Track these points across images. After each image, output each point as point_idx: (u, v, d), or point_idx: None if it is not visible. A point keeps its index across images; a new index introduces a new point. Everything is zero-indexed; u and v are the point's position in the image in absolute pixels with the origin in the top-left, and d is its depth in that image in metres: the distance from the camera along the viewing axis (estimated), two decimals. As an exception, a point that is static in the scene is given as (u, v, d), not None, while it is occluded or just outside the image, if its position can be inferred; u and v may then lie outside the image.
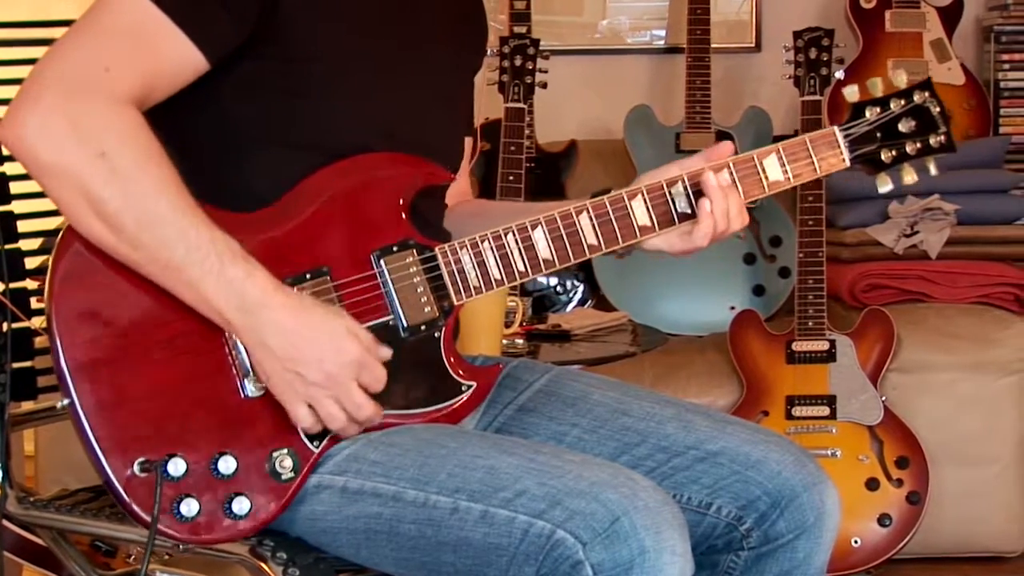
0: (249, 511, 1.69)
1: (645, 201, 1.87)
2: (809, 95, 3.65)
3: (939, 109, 1.95)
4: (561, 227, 1.85)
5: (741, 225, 1.88)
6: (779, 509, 1.80)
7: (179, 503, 1.66)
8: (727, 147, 1.89)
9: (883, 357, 3.55)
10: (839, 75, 3.66)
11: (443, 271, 1.82)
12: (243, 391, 1.71)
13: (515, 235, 1.84)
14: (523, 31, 4.05)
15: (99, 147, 1.61)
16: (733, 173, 1.89)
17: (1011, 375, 3.62)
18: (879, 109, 1.94)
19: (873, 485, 3.50)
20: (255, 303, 1.65)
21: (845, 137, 1.93)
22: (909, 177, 1.96)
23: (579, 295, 3.87)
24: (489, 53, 3.53)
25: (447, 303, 1.83)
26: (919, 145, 1.95)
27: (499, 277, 1.84)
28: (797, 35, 3.71)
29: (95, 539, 2.45)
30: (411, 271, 1.80)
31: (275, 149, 1.78)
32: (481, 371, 1.88)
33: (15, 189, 2.02)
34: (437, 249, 1.82)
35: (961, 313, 3.68)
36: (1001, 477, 3.63)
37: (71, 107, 1.61)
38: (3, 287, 1.97)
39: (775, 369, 3.58)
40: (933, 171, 1.97)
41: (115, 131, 1.63)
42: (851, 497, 3.44)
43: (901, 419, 3.54)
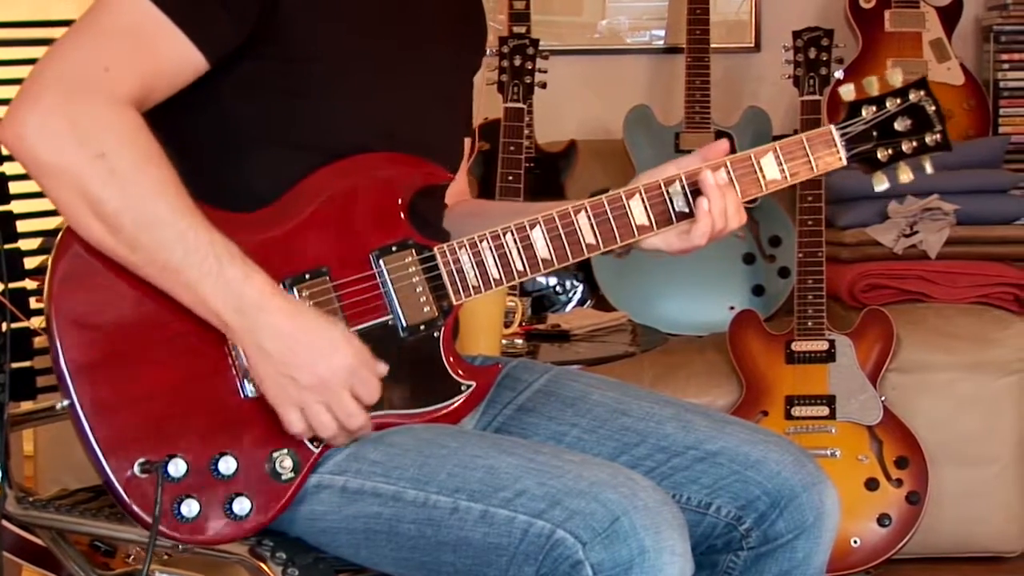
0: (249, 511, 1.69)
1: (643, 200, 1.87)
2: (808, 95, 3.65)
3: (934, 108, 1.95)
4: (559, 227, 1.85)
5: (739, 224, 1.88)
6: (778, 509, 1.80)
7: (180, 504, 1.66)
8: (723, 145, 1.89)
9: (882, 357, 3.55)
10: (838, 75, 3.65)
11: (442, 271, 1.82)
12: (243, 391, 1.71)
13: (514, 235, 1.84)
14: (522, 31, 4.05)
15: (98, 148, 1.61)
16: (730, 172, 1.89)
17: (1010, 375, 3.62)
18: (875, 108, 1.94)
19: (872, 485, 3.50)
20: (252, 305, 1.65)
21: (842, 136, 1.93)
22: (905, 176, 1.96)
23: (578, 295, 3.86)
24: (488, 53, 3.53)
25: (446, 303, 1.83)
26: (915, 144, 1.95)
27: (498, 277, 1.84)
28: (796, 35, 3.70)
29: (94, 539, 2.45)
30: (410, 271, 1.80)
31: (275, 149, 1.78)
32: (480, 371, 1.88)
33: (14, 189, 2.02)
34: (436, 249, 1.82)
35: (960, 313, 3.68)
36: (1000, 477, 3.62)
37: (71, 107, 1.61)
38: (2, 287, 1.97)
39: (774, 369, 3.58)
40: (929, 169, 1.97)
41: (115, 132, 1.63)
42: (850, 497, 3.43)
43: (900, 419, 3.53)
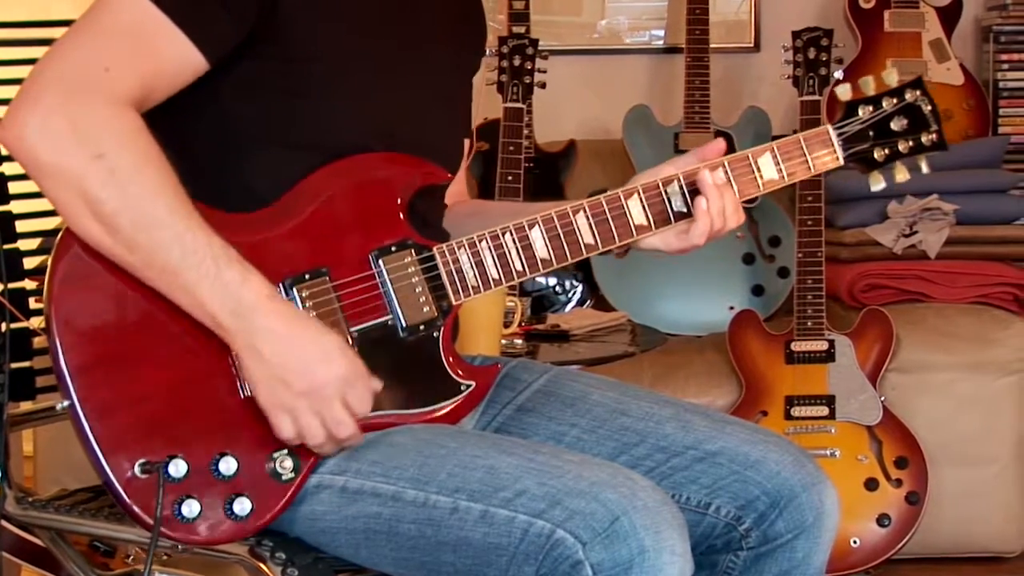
0: (250, 511, 1.69)
1: (641, 201, 1.88)
2: (808, 95, 3.65)
3: (930, 107, 1.95)
4: (558, 226, 1.85)
5: (737, 223, 1.88)
6: (778, 509, 1.80)
7: (180, 504, 1.66)
8: (719, 145, 1.90)
9: (882, 357, 3.55)
10: (838, 75, 3.65)
11: (441, 271, 1.82)
12: (243, 391, 1.71)
13: (513, 235, 1.84)
14: (522, 31, 4.05)
15: (98, 148, 1.61)
16: (728, 172, 1.89)
17: (1010, 375, 3.62)
18: (872, 108, 1.94)
19: (872, 485, 3.50)
20: (249, 307, 1.64)
21: (839, 136, 1.93)
22: (901, 175, 1.96)
23: (578, 295, 3.86)
24: (488, 53, 3.54)
25: (445, 303, 1.83)
26: (911, 143, 1.95)
27: (497, 277, 1.84)
28: (796, 35, 3.70)
29: (94, 539, 2.45)
30: (409, 271, 1.80)
31: (274, 149, 1.78)
32: (480, 371, 1.88)
33: (14, 189, 2.02)
34: (435, 249, 1.82)
35: (960, 313, 3.68)
36: (1000, 477, 3.62)
37: (71, 108, 1.61)
38: (2, 287, 1.97)
39: (774, 369, 3.58)
40: (925, 169, 1.98)
41: (114, 133, 1.62)
42: (850, 497, 3.43)
43: (900, 419, 3.53)
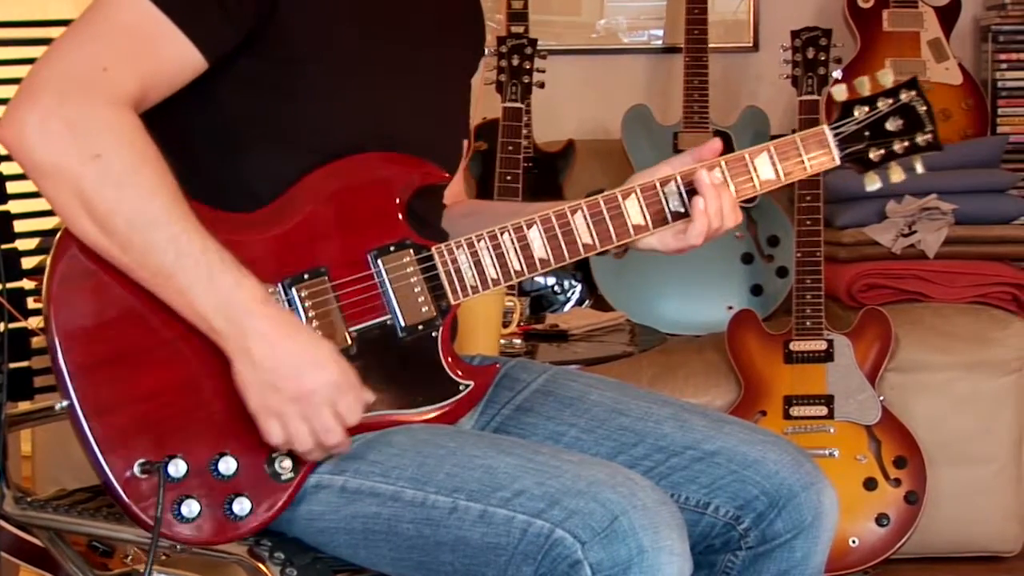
0: (249, 511, 1.69)
1: (639, 200, 1.88)
2: (807, 95, 3.65)
3: (925, 108, 1.95)
4: (556, 226, 1.85)
5: (735, 223, 1.89)
6: (777, 509, 1.80)
7: (180, 504, 1.66)
8: (715, 145, 1.90)
9: (881, 357, 3.55)
10: (837, 75, 3.65)
11: (440, 271, 1.82)
12: (242, 392, 1.71)
13: (511, 235, 1.84)
14: (521, 31, 4.05)
15: (95, 149, 1.61)
16: (725, 172, 1.89)
17: (1009, 375, 3.62)
18: (867, 108, 1.94)
19: (871, 485, 3.50)
20: (242, 311, 1.64)
21: (835, 136, 1.93)
22: (896, 176, 1.97)
23: (577, 295, 3.86)
24: (486, 53, 3.53)
25: (444, 303, 1.82)
26: (906, 144, 1.95)
27: (496, 276, 1.84)
28: (795, 35, 3.70)
29: (92, 539, 2.45)
30: (408, 271, 1.80)
31: (273, 149, 1.78)
32: (478, 371, 1.88)
33: (12, 189, 2.02)
34: (434, 249, 1.82)
35: (959, 313, 3.68)
36: (998, 477, 3.62)
37: (69, 108, 1.61)
38: (0, 287, 1.97)
39: (773, 369, 3.58)
40: (920, 169, 1.98)
41: (112, 133, 1.62)
42: (849, 497, 3.43)
43: (899, 419, 3.53)
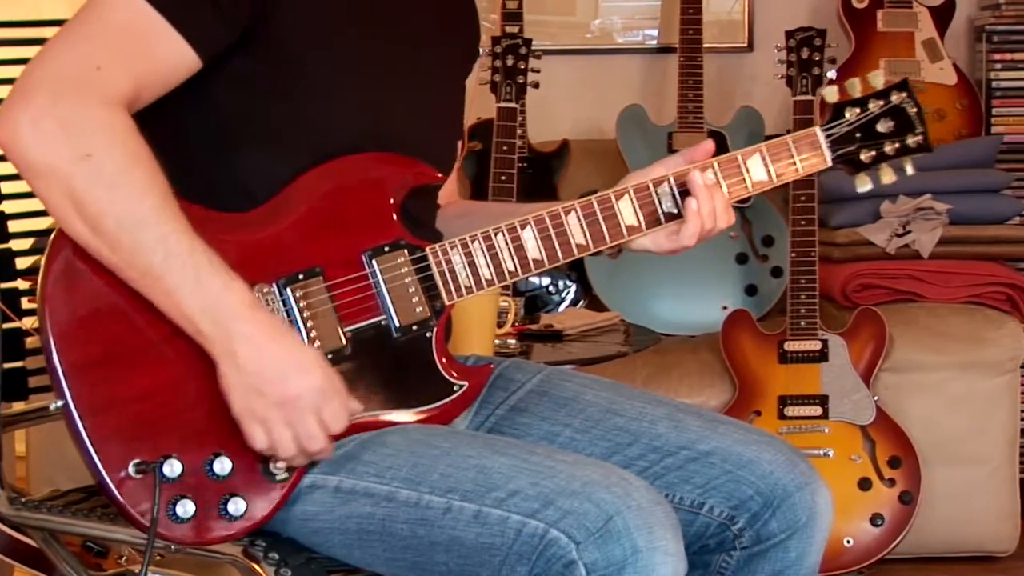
0: (244, 511, 1.69)
1: (632, 201, 1.88)
2: (801, 95, 3.65)
3: (916, 110, 1.96)
4: (550, 227, 1.85)
5: (727, 224, 1.89)
6: (771, 509, 1.80)
7: (175, 504, 1.66)
8: (708, 146, 1.90)
9: (875, 357, 3.55)
10: (831, 75, 3.66)
11: (434, 271, 1.82)
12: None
13: (505, 235, 1.84)
14: (515, 31, 4.05)
15: (86, 148, 1.60)
16: (717, 173, 1.89)
17: (1003, 375, 3.62)
18: (858, 110, 1.95)
19: (865, 485, 3.50)
20: (229, 314, 1.63)
21: (827, 138, 1.94)
22: (887, 177, 1.97)
23: (571, 295, 3.86)
24: (481, 53, 3.53)
25: (438, 303, 1.82)
26: (897, 145, 1.96)
27: (490, 277, 1.84)
28: (789, 35, 3.70)
29: (87, 540, 2.45)
30: (403, 271, 1.80)
31: (267, 149, 1.78)
32: (473, 371, 1.88)
33: (6, 189, 2.02)
34: (428, 249, 1.82)
35: (953, 313, 3.68)
36: (993, 477, 3.63)
37: (62, 108, 1.61)
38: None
39: (767, 369, 3.58)
40: (910, 171, 1.99)
41: (103, 133, 1.62)
42: (843, 497, 3.44)
43: (893, 419, 3.54)
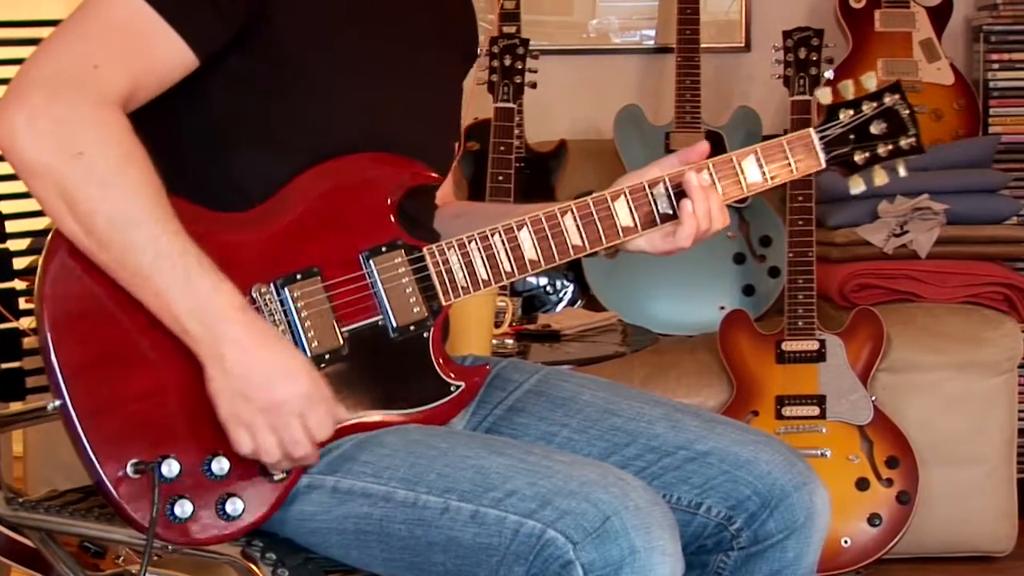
0: (242, 511, 1.69)
1: (628, 202, 1.88)
2: (799, 95, 3.65)
3: (908, 111, 1.97)
4: (546, 228, 1.85)
5: (723, 225, 1.89)
6: (769, 509, 1.80)
7: (173, 504, 1.66)
8: (703, 147, 1.90)
9: (873, 357, 3.55)
10: (829, 75, 3.66)
11: (431, 271, 1.82)
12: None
13: (502, 236, 1.84)
14: (512, 31, 4.05)
15: (79, 147, 1.60)
16: (713, 174, 1.89)
17: (1000, 375, 3.62)
18: (852, 111, 1.95)
19: (863, 485, 3.50)
20: (217, 316, 1.63)
21: (821, 139, 1.94)
22: (880, 179, 1.98)
23: (569, 295, 3.86)
24: (478, 53, 3.53)
25: (435, 303, 1.82)
26: (890, 147, 1.97)
27: (486, 277, 1.84)
28: (787, 35, 3.71)
29: (84, 540, 2.44)
30: (400, 271, 1.80)
31: (264, 149, 1.78)
32: (470, 371, 1.88)
33: (3, 189, 2.02)
34: (425, 250, 1.82)
35: (951, 313, 3.68)
36: (990, 477, 3.63)
37: (57, 106, 1.61)
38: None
39: (765, 369, 3.58)
40: (903, 173, 1.99)
41: (97, 132, 1.62)
42: (841, 497, 3.44)
43: (891, 419, 3.54)
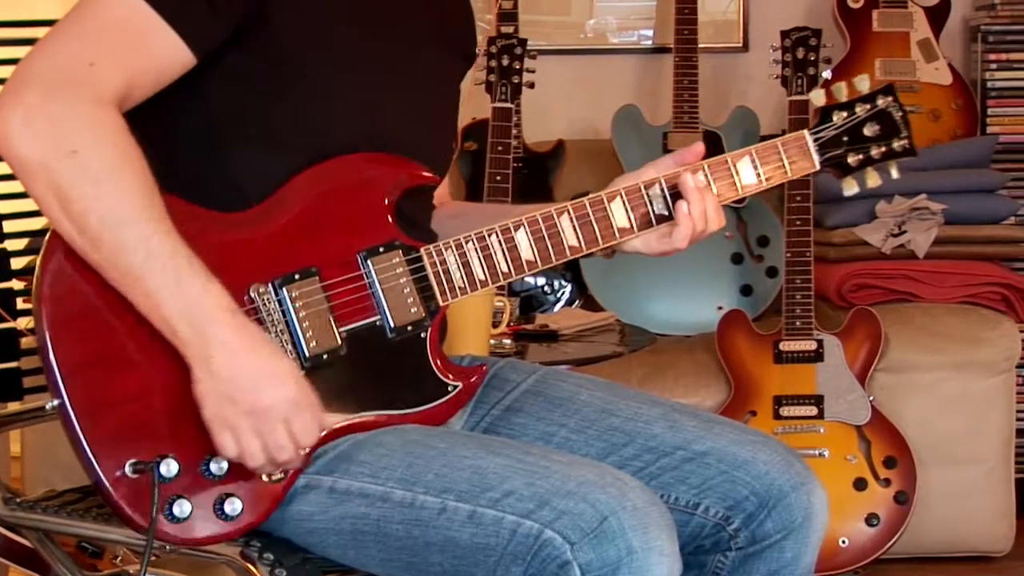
0: (240, 511, 1.69)
1: (624, 203, 1.88)
2: (796, 95, 3.65)
3: (901, 114, 1.97)
4: (543, 228, 1.85)
5: (718, 226, 1.89)
6: (767, 509, 1.80)
7: (172, 504, 1.65)
8: (698, 149, 1.91)
9: (871, 357, 3.55)
10: (826, 75, 3.65)
11: (428, 272, 1.82)
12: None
13: (498, 236, 1.84)
14: (510, 31, 4.05)
15: (72, 145, 1.60)
16: (708, 175, 1.90)
17: (998, 375, 3.62)
18: (846, 113, 1.96)
19: (861, 485, 3.50)
20: (206, 318, 1.62)
21: (815, 141, 1.94)
22: (872, 181, 1.99)
23: (567, 295, 3.86)
24: (477, 54, 3.53)
25: (433, 304, 1.82)
26: (883, 149, 1.97)
27: (483, 278, 1.84)
28: (784, 35, 3.70)
29: (82, 540, 2.44)
30: (397, 272, 1.80)
31: (262, 148, 1.78)
32: (467, 372, 1.88)
33: (0, 189, 2.02)
34: (423, 250, 1.82)
35: (948, 313, 3.68)
36: (988, 477, 3.63)
37: (52, 105, 1.61)
38: (-11, 288, 1.97)
39: (763, 369, 3.58)
40: (895, 174, 2.00)
41: (91, 130, 1.62)
42: (839, 497, 3.44)
43: (889, 419, 3.54)
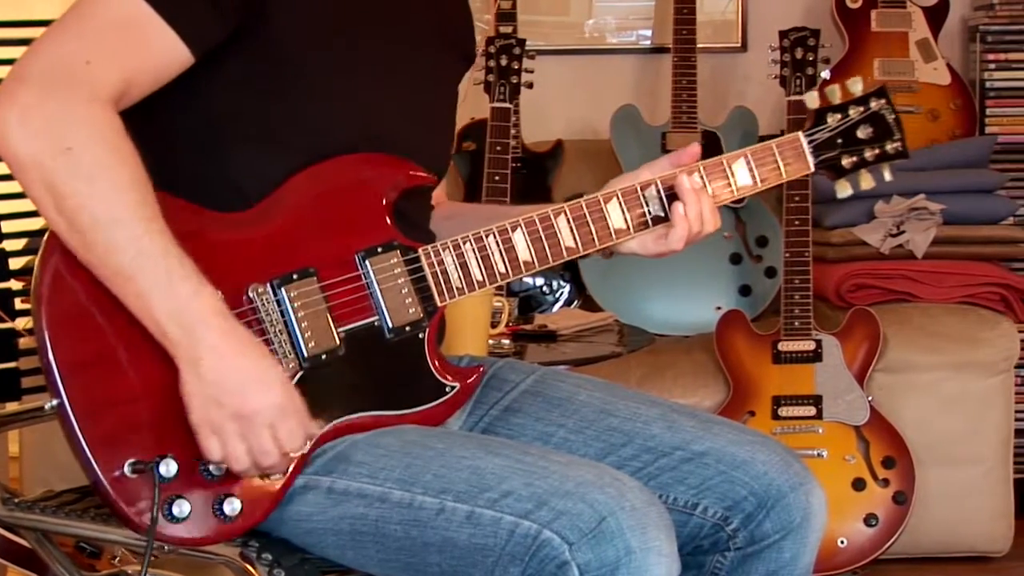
0: (239, 512, 1.69)
1: (620, 204, 1.88)
2: (795, 95, 3.65)
3: (894, 116, 1.98)
4: (540, 229, 1.86)
5: (714, 227, 1.90)
6: (765, 510, 1.80)
7: (171, 504, 1.65)
8: (694, 150, 1.91)
9: (869, 357, 3.55)
10: (825, 75, 3.66)
11: (426, 272, 1.82)
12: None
13: (496, 237, 1.84)
14: (509, 31, 4.05)
15: (67, 143, 1.60)
16: (703, 177, 1.90)
17: (997, 375, 3.62)
18: (839, 116, 1.96)
19: (859, 485, 3.50)
20: (196, 320, 1.62)
21: (809, 143, 1.95)
22: (866, 183, 2.00)
23: (565, 295, 3.86)
24: (476, 54, 3.53)
25: (431, 304, 1.82)
26: (877, 151, 1.98)
27: (481, 278, 1.84)
28: (783, 35, 3.71)
29: (80, 540, 2.44)
30: (395, 272, 1.80)
31: (261, 148, 1.78)
32: (465, 372, 1.88)
33: (-1, 190, 2.02)
34: (420, 250, 1.82)
35: (947, 313, 3.68)
36: (987, 477, 3.63)
37: (48, 103, 1.60)
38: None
39: (761, 369, 3.58)
40: (888, 176, 2.01)
41: (86, 128, 1.61)
42: (837, 497, 3.44)
43: (887, 419, 3.54)
